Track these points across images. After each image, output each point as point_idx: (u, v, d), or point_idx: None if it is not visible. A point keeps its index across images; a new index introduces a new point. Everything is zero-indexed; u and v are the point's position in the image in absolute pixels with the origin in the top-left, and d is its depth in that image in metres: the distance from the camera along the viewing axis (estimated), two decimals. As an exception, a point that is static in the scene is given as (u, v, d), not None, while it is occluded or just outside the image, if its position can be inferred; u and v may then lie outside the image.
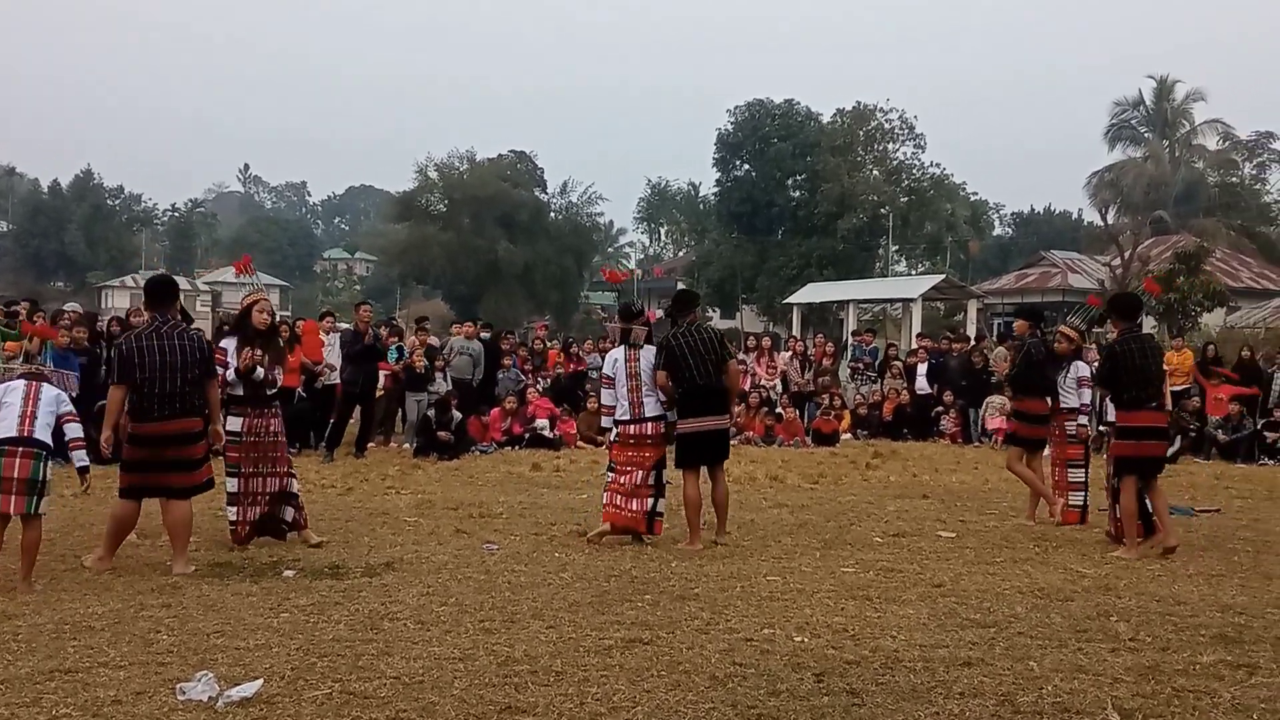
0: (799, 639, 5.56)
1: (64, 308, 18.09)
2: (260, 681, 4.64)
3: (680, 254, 71.66)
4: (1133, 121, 54.72)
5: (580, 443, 15.95)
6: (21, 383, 6.82)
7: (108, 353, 9.25)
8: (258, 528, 8.04)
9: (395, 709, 4.43)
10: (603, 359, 18.79)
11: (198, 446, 7.31)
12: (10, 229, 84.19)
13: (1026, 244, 68.94)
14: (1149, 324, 35.32)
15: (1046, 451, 10.13)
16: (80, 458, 6.89)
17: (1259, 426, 16.31)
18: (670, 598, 6.47)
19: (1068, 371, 9.89)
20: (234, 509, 7.93)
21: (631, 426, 8.36)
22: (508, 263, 54.07)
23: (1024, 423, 9.97)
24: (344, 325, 16.01)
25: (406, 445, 15.02)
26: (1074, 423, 9.89)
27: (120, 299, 75.03)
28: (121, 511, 7.24)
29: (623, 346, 8.54)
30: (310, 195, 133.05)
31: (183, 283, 77.16)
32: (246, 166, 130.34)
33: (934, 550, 8.21)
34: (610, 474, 8.47)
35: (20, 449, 6.53)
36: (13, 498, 6.50)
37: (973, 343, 20.59)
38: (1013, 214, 78.87)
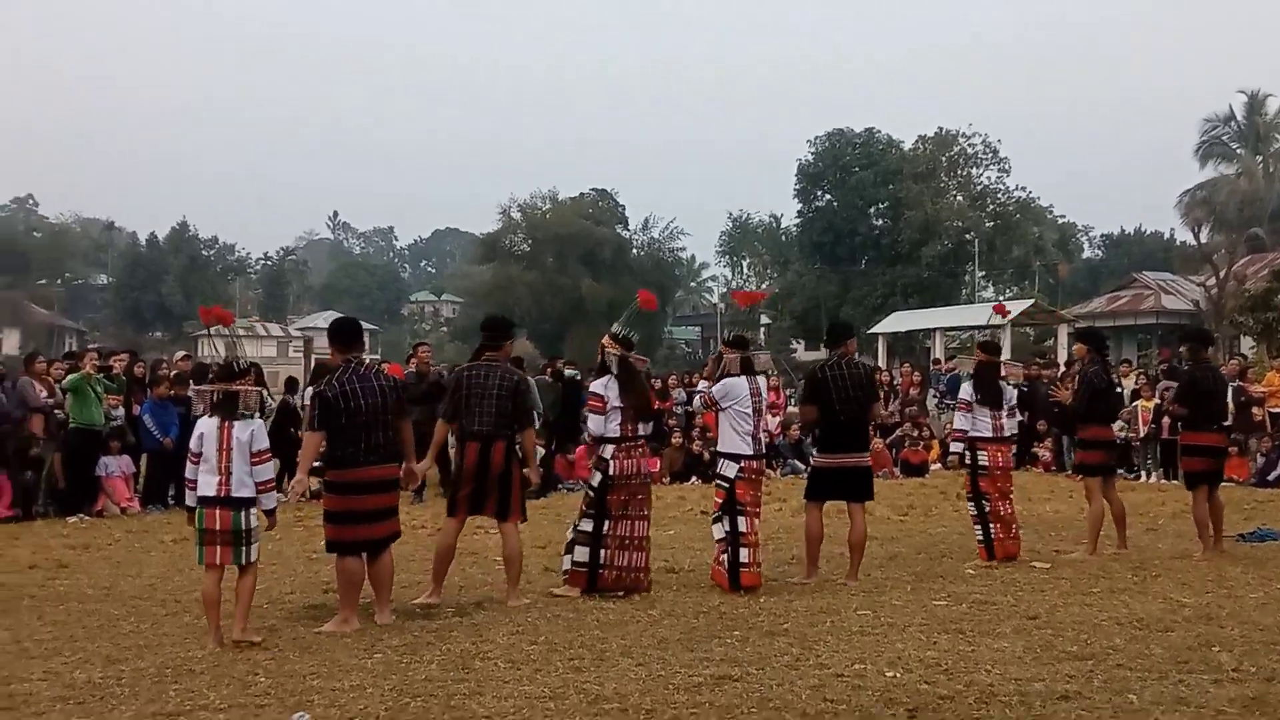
0: (891, 674, 5.50)
1: (174, 356, 18.72)
2: (355, 722, 4.71)
3: (763, 286, 71.55)
4: (1224, 138, 53.46)
5: (665, 479, 15.95)
6: (213, 426, 6.54)
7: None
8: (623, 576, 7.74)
9: (487, 748, 4.47)
10: (688, 394, 18.91)
11: (396, 493, 7.18)
12: (110, 281, 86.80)
13: (1117, 266, 67.54)
14: (1247, 344, 34.44)
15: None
16: (268, 500, 6.69)
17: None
18: (759, 634, 6.45)
19: None
20: (587, 550, 7.68)
21: (755, 461, 7.95)
22: (592, 300, 54.49)
23: (1090, 450, 9.59)
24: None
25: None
26: None
27: (216, 347, 76.95)
28: (345, 566, 6.89)
29: (744, 377, 8.00)
30: (397, 239, 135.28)
31: (275, 329, 79.21)
32: (335, 213, 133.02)
33: (1028, 582, 8.07)
34: (739, 520, 7.77)
35: (219, 507, 6.49)
36: (218, 549, 6.48)
37: (1063, 369, 20.21)
38: (1102, 235, 77.47)
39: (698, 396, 8.45)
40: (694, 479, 15.96)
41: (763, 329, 60.42)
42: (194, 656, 6.15)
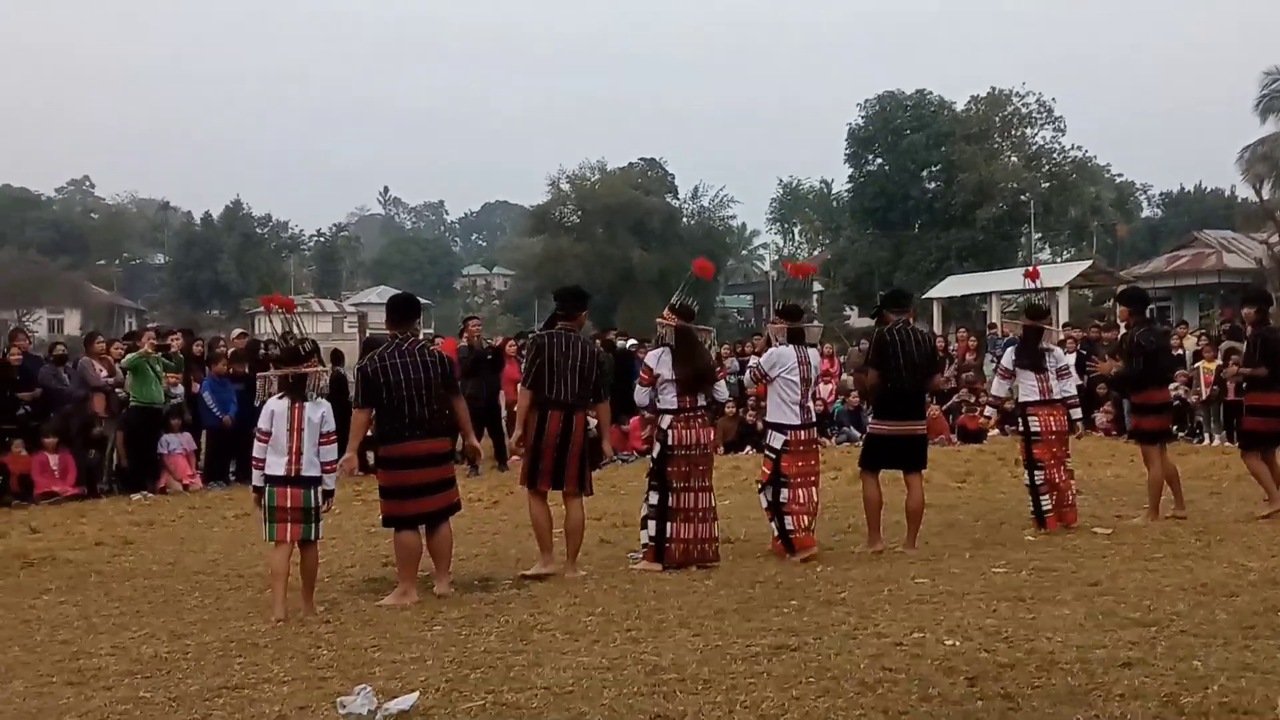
0: (950, 642, 5.46)
1: (231, 334, 19.00)
2: (416, 694, 4.75)
3: (815, 253, 71.11)
4: (1286, 91, 52.27)
5: (719, 449, 15.93)
6: (284, 406, 6.69)
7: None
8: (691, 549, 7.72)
9: (546, 720, 4.50)
10: (740, 364, 18.86)
11: (448, 466, 7.25)
12: (167, 261, 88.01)
13: (1177, 225, 66.35)
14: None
15: None
16: (329, 481, 6.81)
17: None
18: (816, 603, 6.43)
19: None
20: (655, 524, 7.67)
21: (803, 432, 7.94)
22: (642, 270, 54.47)
23: (1145, 416, 9.45)
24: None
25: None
26: None
27: (274, 325, 77.87)
28: (403, 540, 6.98)
29: (791, 347, 7.96)
30: (448, 213, 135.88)
31: (329, 305, 79.89)
32: (386, 189, 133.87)
33: (1089, 548, 7.98)
34: (782, 491, 7.87)
35: (290, 486, 6.63)
36: (289, 525, 6.62)
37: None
38: (1161, 194, 76.11)
39: (749, 370, 8.40)
40: (748, 449, 15.94)
41: (815, 296, 60.07)
42: (257, 630, 6.26)
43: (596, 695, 4.78)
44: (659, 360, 7.78)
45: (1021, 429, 9.00)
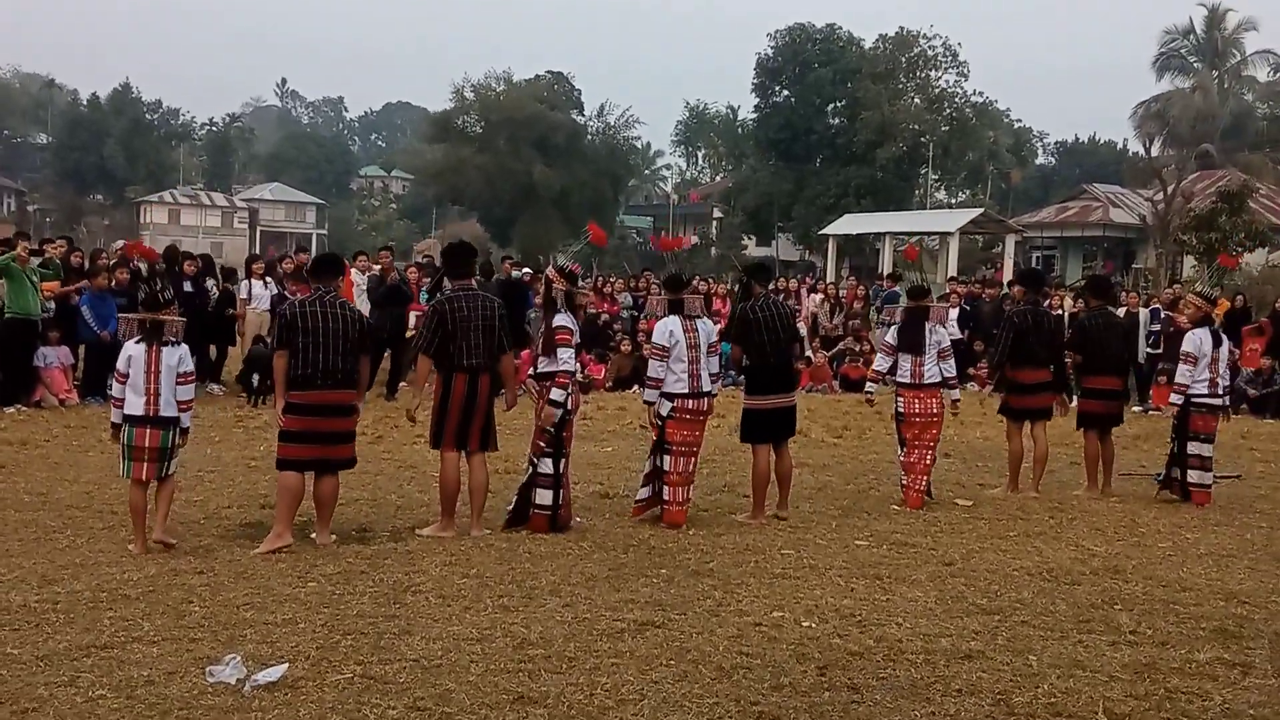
0: (807, 624, 5.73)
1: (114, 245, 18.50)
2: (285, 665, 4.84)
3: (718, 179, 71.20)
4: (1182, 50, 53.69)
5: (608, 385, 16.11)
6: (141, 350, 6.90)
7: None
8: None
9: (413, 696, 4.62)
10: (634, 299, 19.00)
11: (351, 420, 7.34)
12: (50, 142, 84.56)
13: (1069, 175, 68.03)
14: (1189, 264, 34.97)
15: None
16: (186, 420, 7.09)
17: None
18: (685, 573, 6.65)
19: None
20: (550, 493, 7.62)
21: (690, 401, 7.95)
22: (544, 186, 53.91)
23: (1013, 393, 9.68)
24: (377, 266, 16.08)
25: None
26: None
27: (159, 214, 75.57)
28: (287, 483, 7.10)
29: (676, 317, 8.01)
30: (347, 111, 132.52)
31: (219, 199, 77.75)
32: (284, 81, 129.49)
33: (949, 522, 8.35)
34: (664, 459, 7.94)
35: (149, 426, 6.90)
36: (145, 464, 6.93)
37: (1004, 289, 20.50)
38: (1056, 143, 77.79)
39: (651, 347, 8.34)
40: (636, 386, 16.11)
41: (715, 224, 60.38)
42: (129, 579, 6.25)
43: (464, 670, 4.93)
44: (571, 320, 7.71)
45: (894, 406, 9.19)
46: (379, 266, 15.25)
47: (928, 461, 8.97)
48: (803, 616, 5.86)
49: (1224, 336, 9.74)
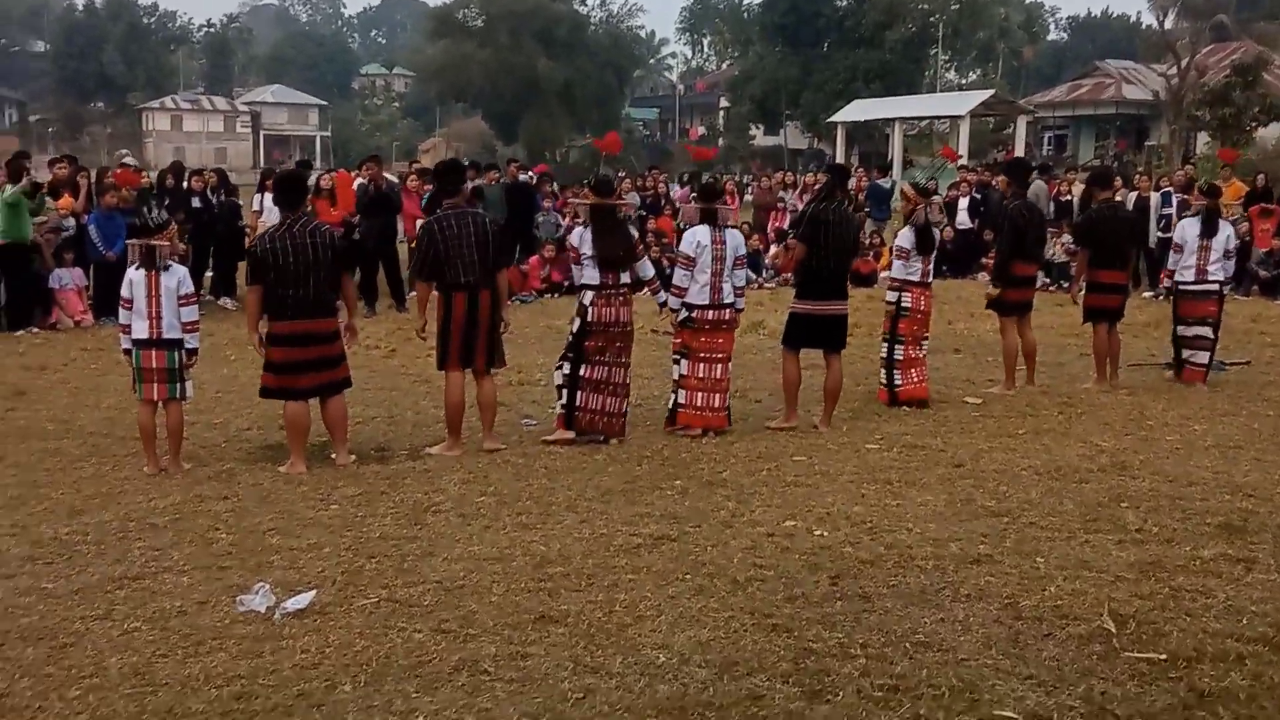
0: (819, 533, 5.83)
1: (122, 161, 18.45)
2: (314, 592, 4.98)
3: (724, 66, 70.11)
4: (1198, -83, 52.06)
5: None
6: (141, 275, 7.07)
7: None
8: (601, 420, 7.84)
9: (438, 619, 4.75)
10: (640, 197, 18.88)
11: (336, 344, 7.35)
12: (48, 49, 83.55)
13: (1082, 51, 66.69)
14: (1203, 139, 34.51)
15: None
16: (192, 340, 7.23)
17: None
18: (699, 484, 6.76)
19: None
20: (570, 393, 7.75)
21: (710, 312, 7.92)
22: (547, 80, 53.24)
23: (1009, 287, 9.46)
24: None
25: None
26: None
27: (161, 121, 75.03)
28: (291, 414, 7.22)
29: (706, 227, 7.92)
30: (345, 7, 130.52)
31: (221, 103, 76.94)
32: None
33: (958, 421, 8.42)
34: (680, 364, 8.03)
35: (154, 349, 7.11)
36: (155, 385, 7.17)
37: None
38: (1068, 18, 76.39)
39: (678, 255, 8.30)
40: (647, 290, 16.04)
41: (722, 113, 59.62)
42: (155, 508, 6.40)
43: (486, 591, 5.06)
44: (580, 239, 7.80)
45: (893, 302, 8.96)
46: (367, 176, 15.17)
47: (923, 356, 9.04)
48: (815, 525, 5.97)
49: (1222, 224, 9.77)
